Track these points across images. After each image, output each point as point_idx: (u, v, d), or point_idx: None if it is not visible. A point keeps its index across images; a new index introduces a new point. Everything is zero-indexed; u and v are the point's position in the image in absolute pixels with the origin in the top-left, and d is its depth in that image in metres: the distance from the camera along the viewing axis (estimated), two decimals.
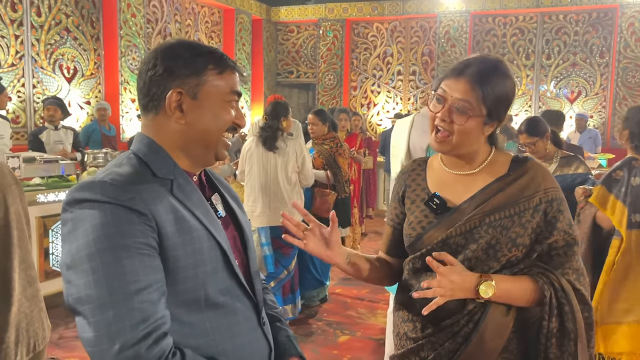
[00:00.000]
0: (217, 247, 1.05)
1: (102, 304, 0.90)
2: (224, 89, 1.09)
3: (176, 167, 1.08)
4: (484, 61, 1.34)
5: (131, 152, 1.09)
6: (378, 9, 10.52)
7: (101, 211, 0.93)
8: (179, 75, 1.06)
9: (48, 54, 6.83)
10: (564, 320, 1.28)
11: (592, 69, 9.44)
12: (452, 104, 1.32)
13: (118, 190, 0.96)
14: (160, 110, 1.07)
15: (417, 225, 1.39)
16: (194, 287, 1.01)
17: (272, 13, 11.23)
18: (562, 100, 9.63)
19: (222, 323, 1.06)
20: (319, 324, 4.03)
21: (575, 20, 9.48)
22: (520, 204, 1.31)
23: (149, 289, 0.93)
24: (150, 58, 1.08)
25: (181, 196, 1.05)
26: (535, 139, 3.15)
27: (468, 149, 1.37)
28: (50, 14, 6.79)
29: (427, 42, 10.36)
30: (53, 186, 4.25)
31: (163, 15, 8.56)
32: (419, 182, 1.46)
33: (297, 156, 3.83)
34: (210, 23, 9.85)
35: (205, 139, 1.10)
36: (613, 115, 9.24)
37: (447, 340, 1.31)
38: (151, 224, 0.96)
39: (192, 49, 1.08)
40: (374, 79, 10.82)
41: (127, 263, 0.92)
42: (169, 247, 0.98)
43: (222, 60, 1.10)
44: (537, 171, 1.36)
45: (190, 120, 1.07)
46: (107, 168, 1.05)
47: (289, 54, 11.42)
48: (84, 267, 0.91)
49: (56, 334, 3.68)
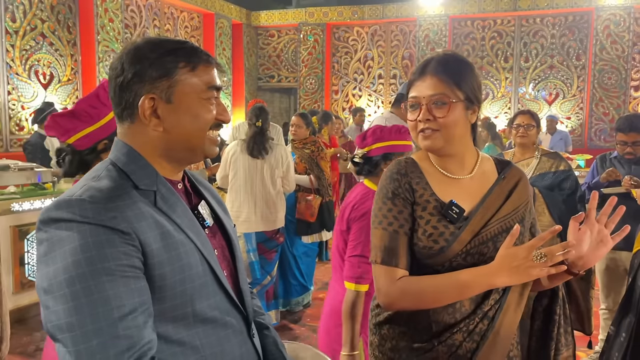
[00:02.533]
0: (204, 261, 1.00)
1: (84, 333, 0.84)
2: (199, 86, 1.01)
3: (158, 177, 1.01)
4: (440, 54, 1.37)
5: (109, 161, 1.01)
6: (358, 13, 10.55)
7: (80, 232, 0.87)
8: (149, 80, 0.98)
9: (23, 60, 6.70)
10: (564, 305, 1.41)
11: (569, 71, 9.58)
12: (428, 102, 1.30)
13: (98, 208, 0.89)
14: (135, 118, 1.00)
15: (439, 237, 1.29)
16: (182, 304, 0.96)
17: (253, 17, 11.20)
18: (541, 102, 9.76)
19: (212, 339, 1.01)
20: (303, 329, 4.00)
21: (552, 24, 9.63)
22: (521, 210, 1.36)
23: (133, 314, 0.87)
24: (117, 63, 1.00)
25: (165, 208, 0.98)
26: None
27: (461, 143, 1.35)
28: (25, 19, 6.68)
29: (407, 45, 10.42)
30: (28, 194, 4.16)
31: (141, 20, 8.47)
32: (423, 187, 1.36)
33: (282, 161, 3.81)
34: (190, 28, 9.78)
35: (189, 142, 1.03)
36: (590, 117, 9.39)
37: (464, 340, 1.29)
38: (135, 244, 0.90)
39: (159, 48, 1.00)
40: (355, 83, 10.85)
41: (109, 287, 0.86)
42: (155, 265, 0.92)
43: (193, 54, 1.02)
44: (524, 176, 1.41)
45: (168, 126, 1.00)
46: (85, 182, 0.97)
47: (269, 59, 11.40)
48: (63, 293, 0.85)
49: (33, 346, 3.59)
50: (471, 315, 1.30)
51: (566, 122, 9.58)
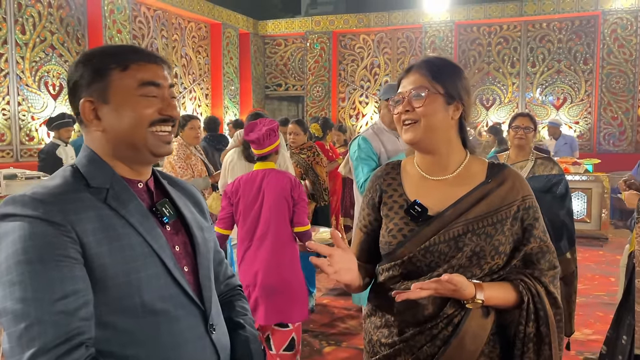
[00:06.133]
0: (153, 254, 1.04)
1: (16, 316, 0.91)
2: (131, 84, 1.06)
3: (114, 176, 1.08)
4: (426, 56, 1.44)
5: (71, 164, 1.09)
6: (364, 20, 10.61)
7: (20, 225, 0.94)
8: (86, 83, 1.06)
9: (33, 71, 6.83)
10: (540, 325, 1.30)
11: (576, 76, 9.54)
12: (408, 95, 1.35)
13: (36, 203, 0.96)
14: (83, 121, 1.09)
15: (397, 233, 1.36)
16: (128, 294, 1.00)
17: (259, 27, 11.30)
18: (549, 107, 9.72)
19: (162, 330, 1.04)
20: (305, 335, 4.00)
21: (558, 28, 9.60)
22: (502, 212, 1.33)
23: (64, 300, 0.93)
24: (68, 71, 1.09)
25: (115, 204, 1.04)
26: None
27: (441, 140, 1.36)
28: (34, 31, 6.81)
29: (413, 52, 10.45)
30: None
31: (149, 31, 8.59)
32: (394, 187, 1.43)
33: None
34: (198, 38, 9.89)
35: (129, 139, 1.07)
36: (599, 121, 9.32)
37: (426, 344, 1.30)
38: (70, 235, 0.96)
39: (95, 53, 1.08)
40: (361, 90, 10.89)
41: (42, 275, 0.92)
42: (95, 256, 0.98)
43: (126, 55, 1.08)
44: (515, 179, 1.38)
45: (107, 126, 1.07)
46: (41, 182, 1.05)
47: (277, 67, 11.48)
48: (3, 280, 0.93)
49: None
50: (434, 318, 1.29)
51: (574, 126, 9.53)
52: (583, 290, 4.73)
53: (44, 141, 6.87)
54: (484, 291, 1.26)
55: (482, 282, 1.30)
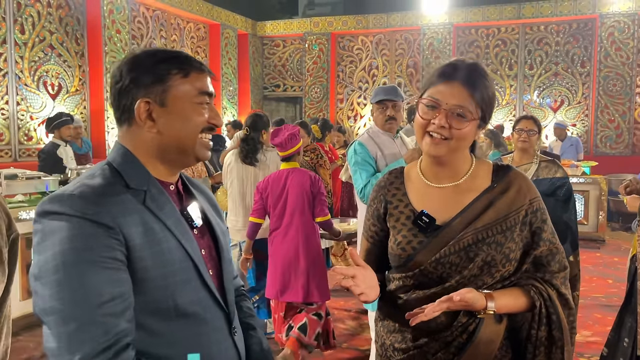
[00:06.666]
0: (188, 259, 1.06)
1: (65, 317, 0.91)
2: (191, 91, 1.09)
3: (150, 178, 1.08)
4: (469, 64, 1.33)
5: (106, 162, 1.09)
6: (362, 22, 10.63)
7: (68, 224, 0.94)
8: (144, 85, 1.06)
9: (32, 71, 6.82)
10: (552, 329, 1.29)
11: (573, 79, 9.59)
12: (449, 109, 1.28)
13: (85, 203, 0.96)
14: (132, 121, 1.08)
15: (406, 245, 1.33)
16: (163, 297, 1.02)
17: (258, 28, 11.31)
18: (546, 109, 9.76)
19: (191, 333, 1.06)
20: None
21: (556, 31, 9.65)
22: (510, 219, 1.30)
23: (112, 302, 0.94)
24: (116, 71, 1.09)
25: (153, 207, 1.05)
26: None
27: (460, 154, 1.35)
28: (34, 31, 6.80)
29: (411, 54, 10.48)
30: (36, 203, 4.22)
31: (148, 31, 8.59)
32: (400, 198, 1.40)
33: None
34: (196, 38, 9.89)
35: (180, 144, 1.10)
36: (595, 124, 9.37)
37: (440, 351, 1.29)
38: (118, 237, 0.97)
39: (153, 57, 1.09)
40: (360, 92, 10.91)
41: (91, 276, 0.93)
42: (137, 259, 0.99)
43: (185, 62, 1.09)
44: (521, 182, 1.35)
45: (162, 128, 1.07)
46: (80, 179, 1.04)
47: (275, 68, 11.49)
48: (49, 279, 0.93)
49: (38, 352, 3.64)
50: (448, 327, 1.29)
51: (572, 129, 9.57)
52: (581, 292, 4.74)
53: (42, 141, 6.85)
54: (495, 301, 1.25)
55: (492, 290, 1.28)
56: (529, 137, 3.13)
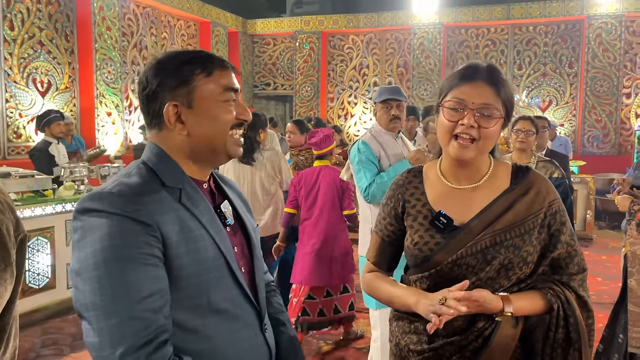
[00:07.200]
0: (221, 256, 1.07)
1: (106, 312, 0.93)
2: (216, 90, 1.09)
3: (184, 176, 1.10)
4: (488, 65, 1.34)
5: (141, 161, 1.11)
6: (353, 21, 10.65)
7: (108, 222, 0.96)
8: (170, 88, 1.07)
9: (21, 67, 6.73)
10: (569, 331, 1.29)
11: (561, 79, 9.71)
12: (476, 109, 1.27)
13: (125, 201, 0.98)
14: (163, 125, 1.10)
15: (423, 246, 1.33)
16: (197, 294, 1.04)
17: (249, 26, 11.27)
18: (534, 109, 9.86)
19: (224, 329, 1.07)
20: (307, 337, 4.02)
21: (544, 32, 9.76)
22: (529, 222, 1.30)
23: (150, 298, 0.95)
24: (143, 78, 1.10)
25: (189, 205, 1.06)
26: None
27: (484, 155, 1.35)
28: (23, 27, 6.71)
29: (402, 53, 10.53)
30: (29, 202, 4.18)
31: (139, 28, 8.52)
32: (418, 197, 1.40)
33: (274, 165, 3.84)
34: (187, 36, 9.84)
35: (211, 143, 1.11)
36: (583, 124, 9.50)
37: (455, 354, 1.29)
38: (156, 235, 0.98)
39: (176, 59, 1.10)
40: (350, 91, 10.93)
41: (130, 273, 0.95)
42: (174, 256, 1.00)
43: (207, 61, 1.10)
44: (541, 184, 1.35)
45: (191, 130, 1.09)
46: (117, 178, 1.06)
47: (265, 66, 11.47)
48: (90, 275, 0.94)
49: (33, 353, 3.60)
50: (465, 331, 1.29)
51: (559, 129, 9.68)
52: None
53: (31, 139, 6.77)
54: (512, 303, 1.25)
55: (509, 292, 1.29)
56: (527, 137, 3.17)
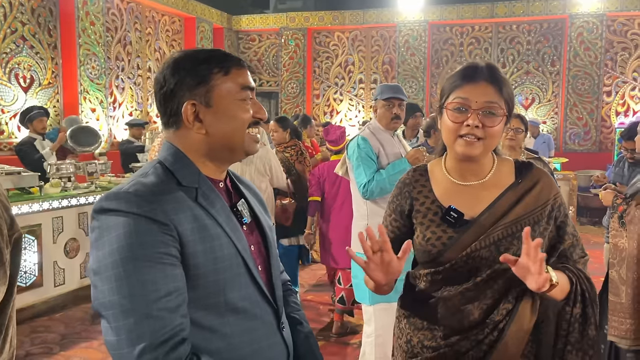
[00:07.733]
0: (238, 255, 1.08)
1: (124, 311, 0.93)
2: (233, 88, 1.10)
3: (200, 175, 1.10)
4: (487, 64, 1.37)
5: (158, 160, 1.11)
6: (339, 18, 10.66)
7: (125, 221, 0.97)
8: (188, 87, 1.07)
9: (3, 63, 6.60)
10: (585, 305, 1.34)
11: (544, 77, 9.85)
12: (480, 108, 1.30)
13: (141, 201, 0.99)
14: (180, 124, 1.10)
15: (436, 241, 1.36)
16: (214, 293, 1.04)
17: (234, 22, 11.21)
18: (517, 107, 9.99)
19: (241, 328, 1.08)
20: None
21: (527, 30, 9.88)
22: (537, 213, 1.34)
23: (168, 297, 0.96)
24: (160, 77, 1.10)
25: (205, 203, 1.07)
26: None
27: (489, 153, 1.39)
28: (5, 22, 6.58)
29: (387, 50, 10.57)
30: (15, 199, 4.11)
31: (123, 23, 8.42)
32: (426, 194, 1.43)
33: (264, 162, 3.84)
34: (171, 31, 9.75)
35: (229, 141, 1.12)
36: (565, 121, 9.65)
37: (471, 349, 1.31)
38: (172, 234, 0.99)
39: (194, 58, 1.10)
40: (336, 87, 10.95)
41: (147, 272, 0.95)
42: (190, 255, 1.01)
43: (225, 60, 1.11)
44: (545, 178, 1.39)
45: (209, 128, 1.09)
46: (134, 178, 1.07)
47: (251, 63, 11.41)
48: (108, 274, 0.95)
49: (22, 351, 3.56)
50: (480, 324, 1.32)
51: (542, 126, 9.83)
52: None
53: (14, 135, 6.67)
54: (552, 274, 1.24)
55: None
56: (516, 135, 3.22)
